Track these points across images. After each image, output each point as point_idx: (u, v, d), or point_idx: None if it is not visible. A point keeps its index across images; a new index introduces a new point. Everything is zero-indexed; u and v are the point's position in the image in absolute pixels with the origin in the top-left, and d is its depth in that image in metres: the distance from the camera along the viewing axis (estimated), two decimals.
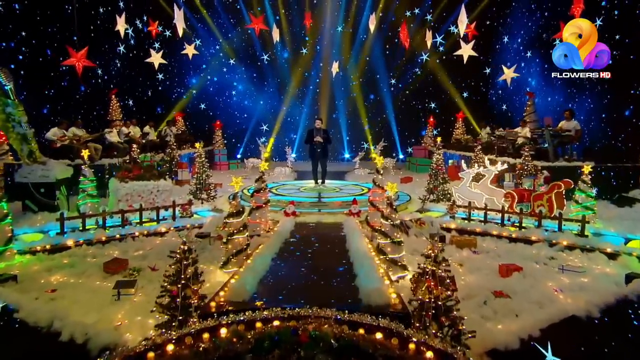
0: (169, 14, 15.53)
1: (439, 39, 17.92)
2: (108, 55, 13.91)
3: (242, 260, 5.48)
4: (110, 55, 13.97)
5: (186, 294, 3.41)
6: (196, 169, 9.98)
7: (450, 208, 8.35)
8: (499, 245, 7.01)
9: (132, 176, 9.04)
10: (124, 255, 6.28)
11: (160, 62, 13.96)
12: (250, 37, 18.81)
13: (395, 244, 5.53)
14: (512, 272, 5.38)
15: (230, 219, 5.56)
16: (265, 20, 17.00)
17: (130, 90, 15.77)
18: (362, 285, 4.35)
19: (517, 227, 7.44)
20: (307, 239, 7.02)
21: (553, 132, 11.90)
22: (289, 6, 19.07)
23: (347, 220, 8.28)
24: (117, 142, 13.18)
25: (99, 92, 14.36)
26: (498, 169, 9.45)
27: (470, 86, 18.96)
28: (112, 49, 13.95)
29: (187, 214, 8.27)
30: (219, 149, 18.20)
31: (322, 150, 11.46)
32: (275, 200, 9.73)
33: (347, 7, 19.28)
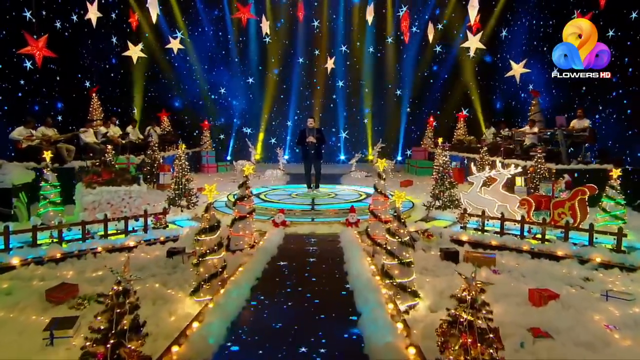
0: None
1: (440, 26, 16.85)
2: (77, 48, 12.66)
3: (216, 286, 4.47)
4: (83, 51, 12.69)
5: (119, 356, 2.39)
6: (175, 173, 8.94)
7: (461, 217, 7.37)
8: (520, 262, 6.03)
9: (100, 181, 7.99)
10: (79, 277, 5.25)
11: (139, 56, 12.85)
12: (240, 30, 17.81)
13: (404, 266, 4.54)
14: (548, 300, 4.40)
15: (202, 236, 4.54)
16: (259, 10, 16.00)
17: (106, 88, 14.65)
18: (367, 335, 3.35)
19: (539, 240, 6.48)
20: (298, 256, 6.04)
21: (566, 132, 10.99)
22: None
23: (345, 232, 7.29)
24: (93, 143, 12.12)
25: (76, 90, 13.24)
26: (511, 173, 8.50)
27: (476, 83, 17.98)
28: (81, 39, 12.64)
29: (161, 224, 7.23)
30: (207, 150, 17.17)
31: (316, 151, 10.47)
32: (263, 207, 8.72)
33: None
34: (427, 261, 5.93)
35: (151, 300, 4.59)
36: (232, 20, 17.15)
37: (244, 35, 18.22)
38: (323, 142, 10.59)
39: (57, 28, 12.03)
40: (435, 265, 5.81)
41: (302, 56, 18.63)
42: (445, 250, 6.08)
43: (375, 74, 18.98)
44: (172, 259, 5.87)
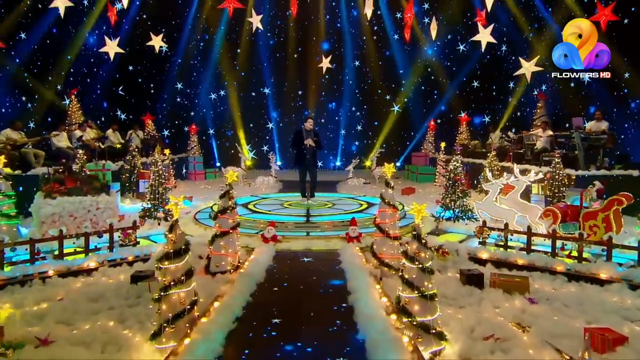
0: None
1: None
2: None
3: (182, 330, 3.42)
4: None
5: None
6: (151, 181, 7.89)
7: (480, 230, 6.37)
8: (557, 286, 5.05)
9: (63, 190, 6.93)
10: (15, 312, 4.18)
11: (117, 52, 11.79)
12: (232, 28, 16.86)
13: (426, 300, 3.53)
14: (614, 346, 3.41)
15: (166, 263, 3.50)
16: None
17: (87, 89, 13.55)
18: None
19: (575, 259, 5.50)
20: (290, 283, 5.01)
21: (584, 134, 10.08)
22: None
23: (345, 249, 6.28)
24: (66, 148, 11.04)
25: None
26: (531, 180, 7.55)
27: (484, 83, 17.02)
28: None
29: (130, 241, 6.16)
30: (194, 156, 16.10)
31: (313, 156, 9.46)
32: (251, 219, 7.69)
33: None
34: (445, 286, 4.92)
35: (100, 345, 3.54)
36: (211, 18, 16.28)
37: (233, 32, 17.26)
38: (320, 148, 9.57)
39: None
40: (457, 292, 4.80)
41: (295, 53, 17.67)
42: (467, 273, 5.07)
43: (373, 74, 18.07)
44: (136, 285, 4.81)
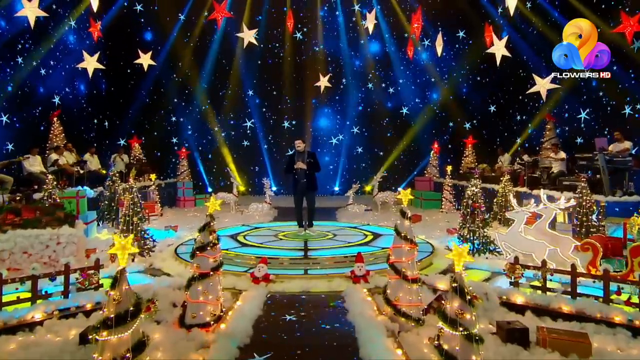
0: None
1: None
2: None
3: None
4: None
5: None
6: (125, 209, 6.85)
7: (511, 268, 5.32)
8: (621, 344, 3.99)
9: (17, 222, 5.88)
10: None
11: (96, 68, 10.91)
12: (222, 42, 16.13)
13: None
14: None
15: (104, 333, 2.45)
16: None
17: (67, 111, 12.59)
18: None
19: (637, 306, 4.46)
20: (282, 342, 3.94)
21: (608, 156, 9.18)
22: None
23: (351, 291, 5.24)
24: (39, 173, 10.03)
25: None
26: (561, 207, 6.58)
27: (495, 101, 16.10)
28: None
29: (90, 284, 5.08)
30: (184, 181, 15.10)
31: (308, 180, 8.42)
32: (240, 254, 6.64)
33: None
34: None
35: None
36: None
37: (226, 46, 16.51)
38: (317, 169, 8.55)
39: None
40: (498, 353, 3.75)
41: (294, 73, 16.91)
42: (507, 327, 4.02)
43: (375, 94, 17.32)
44: (84, 347, 3.73)
